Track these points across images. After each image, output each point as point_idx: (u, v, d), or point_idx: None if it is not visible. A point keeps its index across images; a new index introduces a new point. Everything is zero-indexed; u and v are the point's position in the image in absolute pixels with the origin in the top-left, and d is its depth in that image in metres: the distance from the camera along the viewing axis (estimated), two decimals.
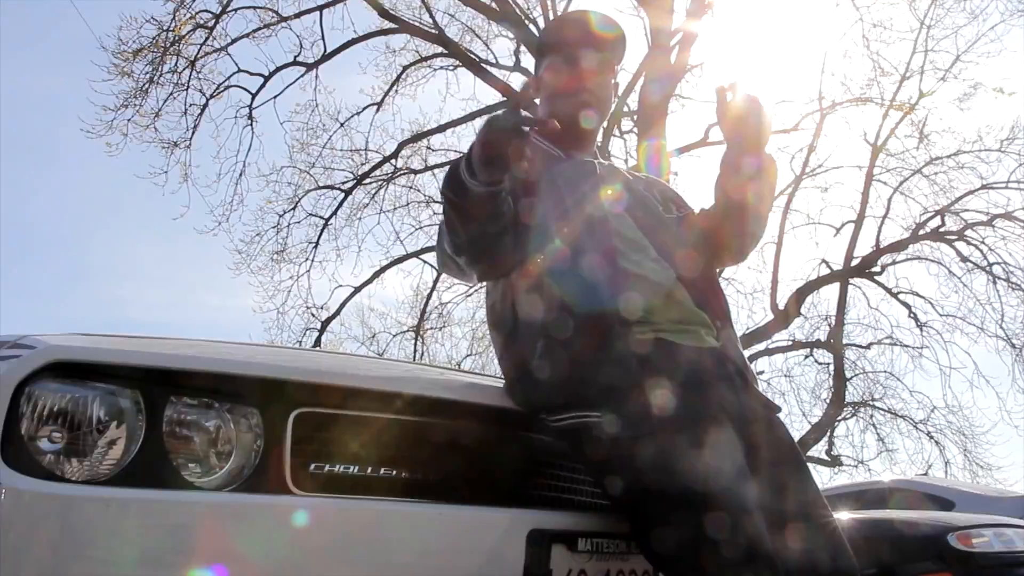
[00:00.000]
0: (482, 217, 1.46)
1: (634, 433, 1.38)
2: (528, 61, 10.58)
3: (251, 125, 10.74)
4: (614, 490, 1.41)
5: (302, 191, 11.28)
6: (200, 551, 1.16)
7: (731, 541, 1.29)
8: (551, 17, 10.35)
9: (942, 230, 11.04)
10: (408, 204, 11.59)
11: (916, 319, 11.44)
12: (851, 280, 11.52)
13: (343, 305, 11.58)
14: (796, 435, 11.31)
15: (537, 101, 1.72)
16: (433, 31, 10.59)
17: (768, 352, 12.00)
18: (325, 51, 10.72)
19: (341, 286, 11.45)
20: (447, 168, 1.48)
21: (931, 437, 11.89)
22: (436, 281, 11.59)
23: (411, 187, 11.64)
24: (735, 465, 1.39)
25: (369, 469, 1.34)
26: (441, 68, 11.34)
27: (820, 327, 12.15)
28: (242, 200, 11.02)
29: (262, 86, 10.70)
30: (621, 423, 1.39)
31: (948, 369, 11.18)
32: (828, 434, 12.11)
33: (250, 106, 10.70)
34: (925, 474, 10.83)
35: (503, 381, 1.61)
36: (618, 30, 1.76)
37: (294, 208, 11.22)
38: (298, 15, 10.54)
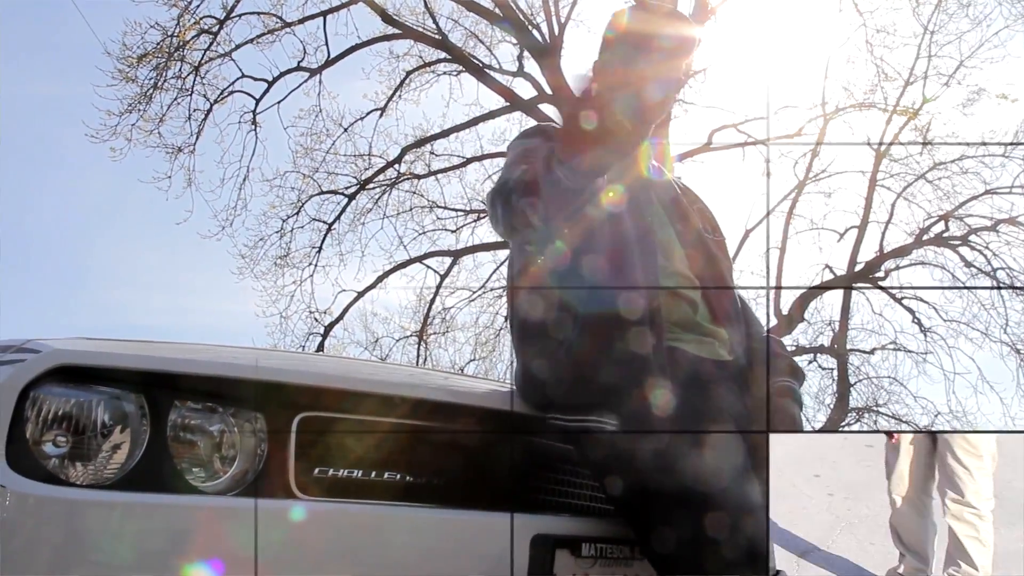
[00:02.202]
0: None
1: (636, 433, 1.38)
2: (531, 66, 10.60)
3: (255, 130, 10.74)
4: (616, 490, 1.41)
5: (305, 196, 11.27)
6: (204, 555, 1.15)
7: (731, 541, 1.29)
8: (554, 22, 10.37)
9: (946, 235, 11.02)
10: (411, 209, 11.58)
11: (920, 324, 11.41)
12: (854, 285, 11.50)
13: (346, 310, 11.57)
14: None
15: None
16: (436, 36, 10.60)
17: None
18: (329, 56, 10.74)
19: (344, 291, 11.43)
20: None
21: None
22: (439, 286, 11.60)
23: (414, 192, 11.64)
24: (736, 465, 1.39)
25: (372, 473, 1.33)
26: (444, 73, 11.35)
27: (824, 332, 12.14)
28: (246, 205, 11.00)
29: (266, 91, 10.71)
30: (624, 423, 1.39)
31: (952, 375, 11.13)
32: None
33: (254, 111, 10.71)
34: None
35: (515, 381, 1.60)
36: (682, 31, 1.68)
37: (297, 213, 11.22)
38: (302, 21, 10.56)
